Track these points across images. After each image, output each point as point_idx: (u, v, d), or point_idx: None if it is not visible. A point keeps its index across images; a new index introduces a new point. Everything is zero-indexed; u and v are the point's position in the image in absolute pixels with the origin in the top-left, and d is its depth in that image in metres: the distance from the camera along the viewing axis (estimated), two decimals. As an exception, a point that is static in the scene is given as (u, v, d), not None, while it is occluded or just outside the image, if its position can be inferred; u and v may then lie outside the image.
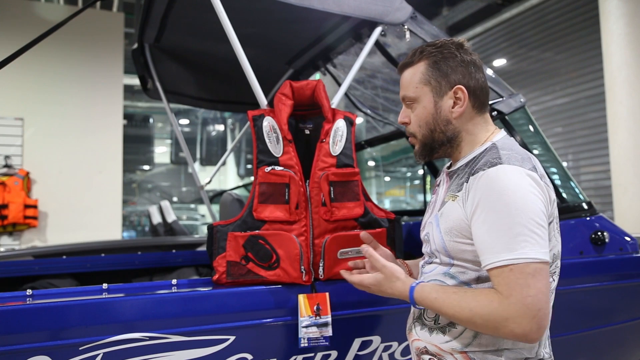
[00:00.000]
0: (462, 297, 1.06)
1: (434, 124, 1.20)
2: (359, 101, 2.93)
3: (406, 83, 1.24)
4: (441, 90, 1.19)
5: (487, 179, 1.06)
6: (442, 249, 1.17)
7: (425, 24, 1.95)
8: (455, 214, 1.13)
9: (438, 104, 1.20)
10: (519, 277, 0.99)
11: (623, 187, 5.86)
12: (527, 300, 0.98)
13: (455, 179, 1.20)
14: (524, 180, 1.05)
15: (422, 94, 1.21)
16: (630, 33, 5.86)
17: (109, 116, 5.67)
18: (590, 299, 1.93)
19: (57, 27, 1.56)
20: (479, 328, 1.05)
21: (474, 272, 1.13)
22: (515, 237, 1.00)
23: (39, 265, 2.59)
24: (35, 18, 5.39)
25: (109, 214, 5.57)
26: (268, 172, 1.51)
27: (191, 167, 3.02)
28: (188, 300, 1.38)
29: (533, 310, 0.97)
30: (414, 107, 1.23)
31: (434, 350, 1.16)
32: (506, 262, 1.00)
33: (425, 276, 1.23)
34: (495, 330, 1.01)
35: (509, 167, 1.06)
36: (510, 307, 0.98)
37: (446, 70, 1.19)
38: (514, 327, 0.98)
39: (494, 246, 1.02)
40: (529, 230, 1.01)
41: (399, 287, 1.17)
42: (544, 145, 2.28)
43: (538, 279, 0.99)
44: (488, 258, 1.04)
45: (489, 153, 1.14)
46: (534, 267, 0.99)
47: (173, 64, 2.68)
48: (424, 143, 1.23)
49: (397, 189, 13.91)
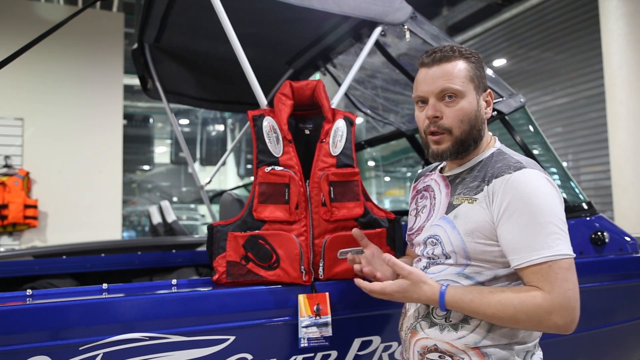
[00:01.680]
0: (502, 296, 1.09)
1: (475, 120, 1.22)
2: (359, 101, 2.93)
3: (450, 76, 1.20)
4: (479, 90, 1.24)
5: (515, 182, 1.11)
6: (462, 250, 1.17)
7: (425, 24, 1.95)
8: (477, 216, 1.15)
9: (479, 102, 1.24)
10: (559, 272, 1.06)
11: (623, 187, 5.86)
12: (568, 294, 1.05)
13: (463, 182, 1.22)
14: (545, 183, 1.12)
15: (468, 89, 1.21)
16: (630, 33, 5.86)
17: (109, 116, 5.67)
18: (590, 299, 1.93)
19: (57, 27, 1.56)
20: (521, 324, 1.08)
21: (490, 271, 1.16)
22: (550, 235, 1.07)
23: (39, 265, 2.59)
24: (35, 18, 5.39)
25: (109, 214, 5.56)
26: (268, 172, 1.51)
27: (191, 167, 3.02)
28: (188, 300, 1.38)
29: (573, 302, 1.05)
30: (456, 102, 1.20)
31: (445, 348, 1.17)
32: (545, 258, 1.06)
33: (433, 277, 1.22)
34: (538, 324, 1.07)
35: (533, 172, 1.13)
36: (554, 302, 1.04)
37: (482, 73, 1.25)
38: (558, 319, 1.04)
39: (530, 245, 1.08)
40: (559, 229, 1.08)
41: (426, 292, 1.16)
42: (544, 145, 2.28)
43: (573, 273, 1.07)
44: (523, 256, 1.08)
45: (501, 157, 1.19)
46: (569, 262, 1.07)
47: (173, 64, 2.68)
48: (461, 140, 1.21)
49: (397, 189, 13.91)
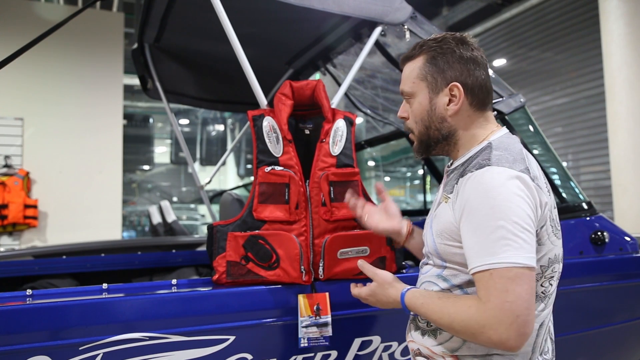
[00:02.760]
0: (444, 303, 1.04)
1: (429, 120, 1.18)
2: (359, 101, 2.92)
3: (404, 77, 1.23)
4: (437, 87, 1.16)
5: (473, 182, 1.04)
6: (434, 252, 1.15)
7: (425, 24, 1.95)
8: (445, 216, 1.11)
9: (433, 100, 1.17)
10: (498, 282, 0.95)
11: (623, 187, 5.86)
12: (505, 306, 0.93)
13: (450, 179, 1.18)
14: (510, 182, 1.01)
15: (418, 89, 1.19)
16: (630, 33, 5.86)
17: (109, 116, 5.67)
18: (590, 299, 1.93)
19: (57, 27, 1.56)
20: (459, 334, 1.02)
21: (466, 275, 1.09)
22: (497, 240, 0.97)
23: (39, 265, 2.59)
24: (35, 18, 5.39)
25: (109, 214, 5.56)
26: (268, 172, 1.51)
27: (191, 167, 3.02)
28: (188, 300, 1.38)
29: (511, 316, 0.93)
30: (411, 103, 1.21)
31: (427, 353, 1.15)
32: (487, 266, 0.97)
33: (422, 277, 1.22)
34: (473, 337, 0.98)
35: (496, 169, 1.03)
36: (487, 313, 0.95)
37: (443, 67, 1.15)
38: (491, 333, 0.94)
39: (477, 250, 0.99)
40: (512, 234, 0.96)
41: (392, 294, 1.17)
42: (544, 145, 2.28)
43: (518, 284, 0.94)
44: (471, 262, 1.01)
45: (482, 154, 1.11)
46: (515, 271, 0.95)
47: (173, 64, 2.68)
48: (420, 140, 1.22)
49: (397, 189, 13.91)
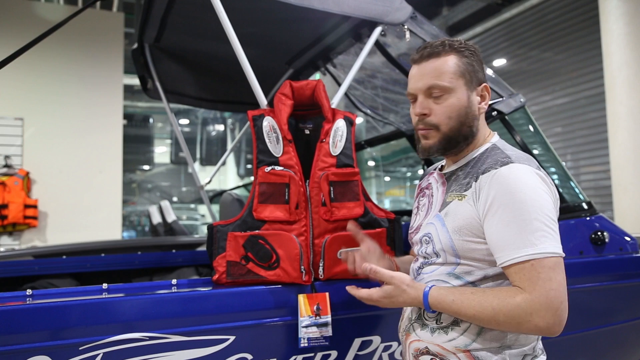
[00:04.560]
0: (483, 297, 1.06)
1: (465, 117, 1.19)
2: (359, 101, 2.92)
3: (437, 72, 1.19)
4: (472, 85, 1.20)
5: (500, 177, 1.08)
6: (450, 249, 1.16)
7: (425, 24, 1.95)
8: (464, 212, 1.13)
9: (470, 97, 1.20)
10: (541, 272, 1.00)
11: (623, 187, 5.86)
12: (551, 294, 0.99)
13: (457, 179, 1.20)
14: (534, 178, 1.08)
15: (457, 85, 1.19)
16: (630, 33, 5.86)
17: (109, 116, 5.67)
18: (590, 299, 1.93)
19: (57, 27, 1.56)
20: (502, 326, 1.05)
21: (480, 270, 1.13)
22: (534, 232, 1.02)
23: (39, 265, 2.59)
24: (35, 18, 5.39)
25: (109, 214, 5.57)
26: (268, 172, 1.51)
27: (191, 167, 3.02)
28: (188, 300, 1.38)
29: (556, 303, 0.99)
30: (444, 98, 1.19)
31: (436, 350, 1.15)
32: (527, 257, 1.02)
33: (425, 277, 1.22)
34: (518, 326, 1.02)
35: (520, 166, 1.09)
36: (534, 302, 1.00)
37: (476, 67, 1.21)
38: (538, 321, 0.99)
39: (513, 242, 1.03)
40: (545, 226, 1.03)
41: (411, 294, 1.16)
42: (544, 145, 2.28)
43: (558, 272, 1.01)
44: (507, 254, 1.04)
45: (492, 153, 1.15)
46: (553, 260, 1.01)
47: (173, 64, 2.68)
48: (449, 136, 1.20)
49: (397, 189, 13.91)
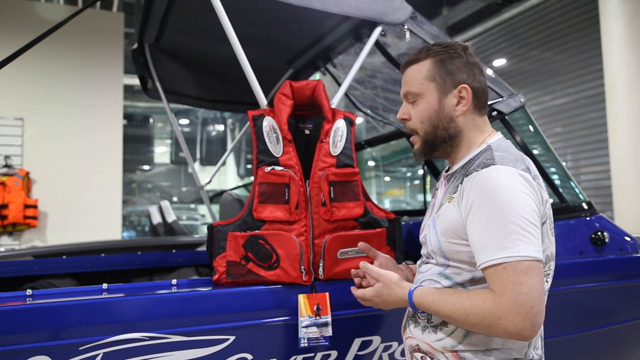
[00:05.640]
0: (457, 298, 1.07)
1: (437, 120, 1.21)
2: (359, 101, 2.92)
3: (410, 79, 1.24)
4: (446, 88, 1.20)
5: (480, 180, 1.08)
6: (439, 250, 1.17)
7: (425, 24, 1.95)
8: (450, 215, 1.14)
9: (442, 100, 1.20)
10: (512, 275, 0.99)
11: (623, 187, 5.86)
12: (520, 298, 0.98)
13: (452, 181, 1.21)
14: (515, 180, 1.06)
15: (426, 90, 1.21)
16: (630, 33, 5.86)
17: (109, 116, 5.68)
18: (590, 299, 1.93)
19: (57, 27, 1.56)
20: (474, 328, 1.05)
21: (469, 272, 1.13)
22: (508, 235, 1.01)
23: (39, 265, 2.59)
24: (35, 18, 5.39)
25: (109, 214, 5.57)
26: (268, 172, 1.51)
27: (191, 167, 3.02)
28: (188, 300, 1.38)
29: (526, 307, 0.97)
30: (417, 103, 1.23)
31: (426, 349, 1.17)
32: (499, 260, 1.01)
33: (421, 276, 1.23)
34: (489, 329, 1.02)
35: (501, 168, 1.07)
36: (502, 305, 0.99)
37: (452, 69, 1.20)
38: (507, 324, 0.98)
39: (488, 245, 1.03)
40: (521, 229, 1.01)
41: (398, 293, 1.18)
42: (544, 145, 2.28)
43: (531, 276, 0.99)
44: (482, 257, 1.04)
45: (483, 155, 1.15)
46: (526, 264, 1.00)
47: (173, 64, 2.68)
48: (426, 140, 1.23)
49: (397, 189, 13.91)
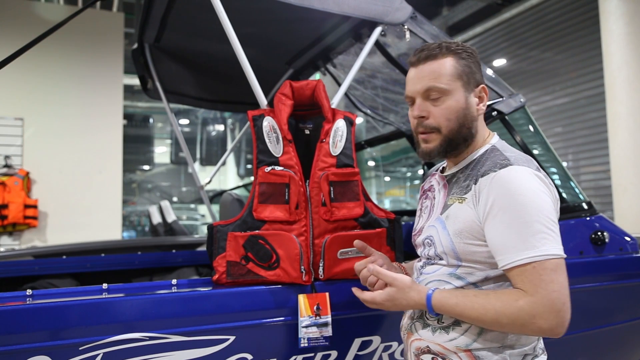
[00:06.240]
0: (486, 300, 1.06)
1: (464, 118, 1.20)
2: (359, 101, 2.92)
3: (433, 74, 1.19)
4: (469, 87, 1.21)
5: (500, 180, 1.08)
6: (451, 251, 1.16)
7: (425, 24, 1.95)
8: (465, 215, 1.13)
9: (468, 99, 1.21)
10: (543, 274, 1.01)
11: (623, 187, 5.86)
12: (553, 296, 1.00)
13: (457, 181, 1.21)
14: (534, 180, 1.08)
15: (455, 87, 1.19)
16: (630, 33, 5.86)
17: (109, 116, 5.67)
18: (590, 299, 1.93)
19: (57, 27, 1.56)
20: (505, 328, 1.06)
21: (482, 272, 1.13)
22: (535, 234, 1.02)
23: (39, 265, 2.59)
24: (35, 18, 5.39)
25: (109, 214, 5.56)
26: (268, 172, 1.51)
27: (191, 167, 3.02)
28: (188, 300, 1.38)
29: (559, 304, 1.00)
30: (442, 100, 1.19)
31: (437, 350, 1.16)
32: (529, 259, 1.02)
33: (427, 277, 1.23)
34: (522, 328, 1.03)
35: (519, 168, 1.09)
36: (537, 304, 1.00)
37: (473, 69, 1.21)
38: (542, 323, 1.00)
39: (514, 245, 1.04)
40: (546, 228, 1.03)
41: (414, 297, 1.16)
42: (544, 145, 2.28)
43: (559, 274, 1.01)
44: (508, 257, 1.05)
45: (492, 155, 1.16)
46: (555, 262, 1.02)
47: (173, 64, 2.68)
48: (449, 138, 1.20)
49: (397, 189, 13.91)
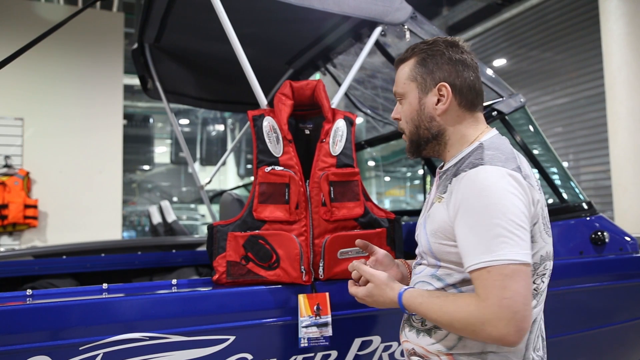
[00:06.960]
0: (444, 302, 1.05)
1: (419, 120, 1.21)
2: (359, 101, 2.93)
3: (397, 79, 1.26)
4: (426, 87, 1.20)
5: (467, 181, 1.06)
6: (429, 251, 1.16)
7: (425, 24, 1.95)
8: (439, 215, 1.13)
9: (422, 100, 1.21)
10: (496, 279, 0.96)
11: (623, 187, 5.86)
12: (504, 303, 0.95)
13: (443, 180, 1.20)
14: (503, 180, 1.03)
15: (408, 90, 1.22)
16: (630, 33, 5.86)
17: (109, 116, 5.67)
18: (590, 299, 1.93)
19: (57, 27, 1.56)
20: (459, 332, 1.04)
21: (459, 274, 1.11)
22: (494, 238, 0.98)
23: (39, 265, 2.60)
24: (35, 18, 5.39)
25: (109, 214, 5.56)
26: (268, 172, 1.51)
27: (191, 167, 3.02)
28: (188, 300, 1.38)
29: (509, 312, 0.95)
30: (403, 104, 1.25)
31: (421, 352, 1.16)
32: (485, 263, 0.98)
33: (415, 277, 1.23)
34: (473, 334, 1.00)
35: (489, 168, 1.05)
36: (486, 310, 0.96)
37: (432, 68, 1.19)
38: (491, 330, 0.96)
39: (474, 248, 1.01)
40: (508, 232, 0.98)
41: (389, 294, 1.17)
42: (544, 145, 2.28)
43: (516, 281, 0.96)
44: (468, 260, 1.02)
45: (474, 154, 1.13)
46: (512, 268, 0.97)
47: (173, 64, 2.68)
48: (411, 139, 1.25)
49: (397, 189, 13.91)
